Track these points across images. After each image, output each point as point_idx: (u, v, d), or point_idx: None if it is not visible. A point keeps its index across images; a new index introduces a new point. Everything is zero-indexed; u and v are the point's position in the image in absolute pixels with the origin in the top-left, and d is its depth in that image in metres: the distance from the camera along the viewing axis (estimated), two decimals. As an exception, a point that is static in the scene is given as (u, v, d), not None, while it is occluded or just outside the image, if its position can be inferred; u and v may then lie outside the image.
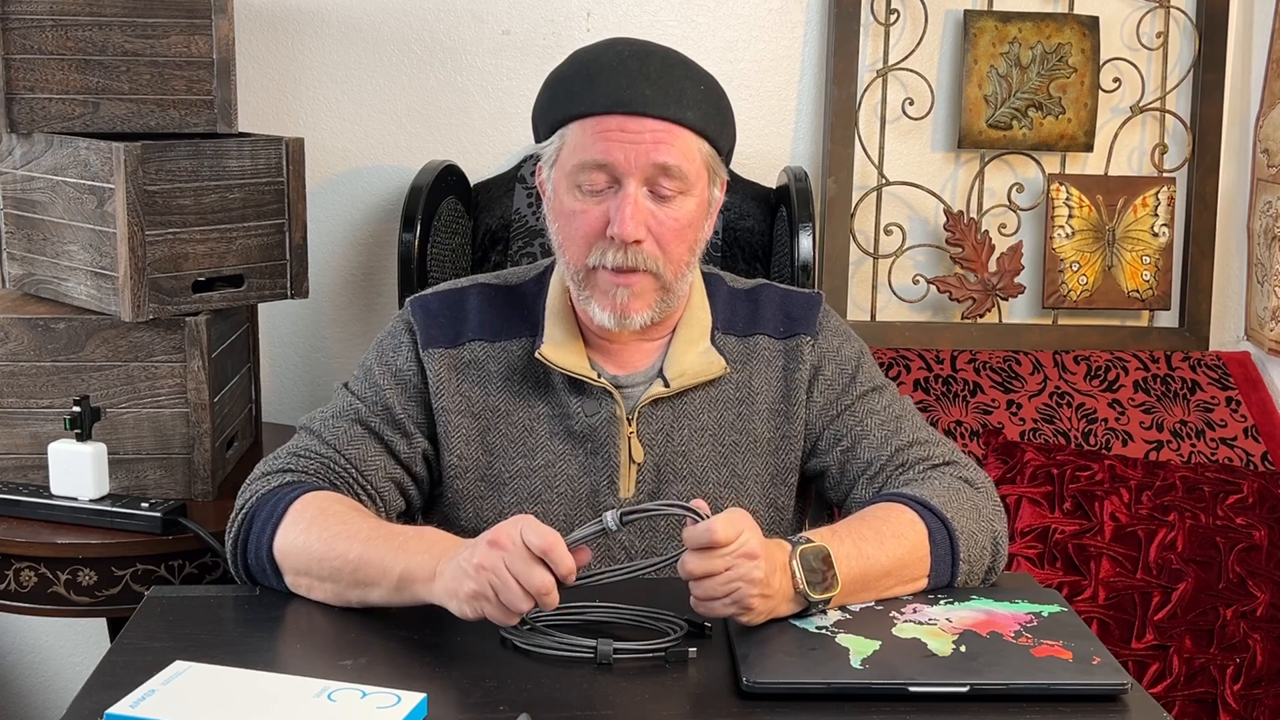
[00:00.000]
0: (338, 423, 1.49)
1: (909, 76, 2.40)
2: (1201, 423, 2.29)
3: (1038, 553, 1.96)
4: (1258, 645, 1.94)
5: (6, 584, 1.81)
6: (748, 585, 1.22)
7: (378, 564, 1.30)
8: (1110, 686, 1.19)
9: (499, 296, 1.54)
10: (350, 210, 2.40)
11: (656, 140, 1.39)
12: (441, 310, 1.53)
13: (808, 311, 1.55)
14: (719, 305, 1.54)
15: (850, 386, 1.53)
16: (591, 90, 1.40)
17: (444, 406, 1.49)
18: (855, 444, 1.50)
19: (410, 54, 2.36)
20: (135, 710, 1.10)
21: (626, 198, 1.39)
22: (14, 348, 1.89)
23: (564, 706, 1.15)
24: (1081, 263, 2.43)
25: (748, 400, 1.51)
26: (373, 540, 1.32)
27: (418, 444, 1.50)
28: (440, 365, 1.50)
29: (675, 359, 1.49)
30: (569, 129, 1.42)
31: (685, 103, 1.41)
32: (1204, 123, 2.45)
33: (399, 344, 1.53)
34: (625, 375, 1.50)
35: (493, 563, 1.19)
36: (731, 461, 1.50)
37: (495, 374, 1.50)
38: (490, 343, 1.51)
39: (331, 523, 1.35)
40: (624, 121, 1.39)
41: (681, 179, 1.40)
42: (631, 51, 1.43)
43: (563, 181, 1.43)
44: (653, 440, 1.48)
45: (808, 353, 1.52)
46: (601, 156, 1.39)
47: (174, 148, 1.87)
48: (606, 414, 1.48)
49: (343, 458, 1.47)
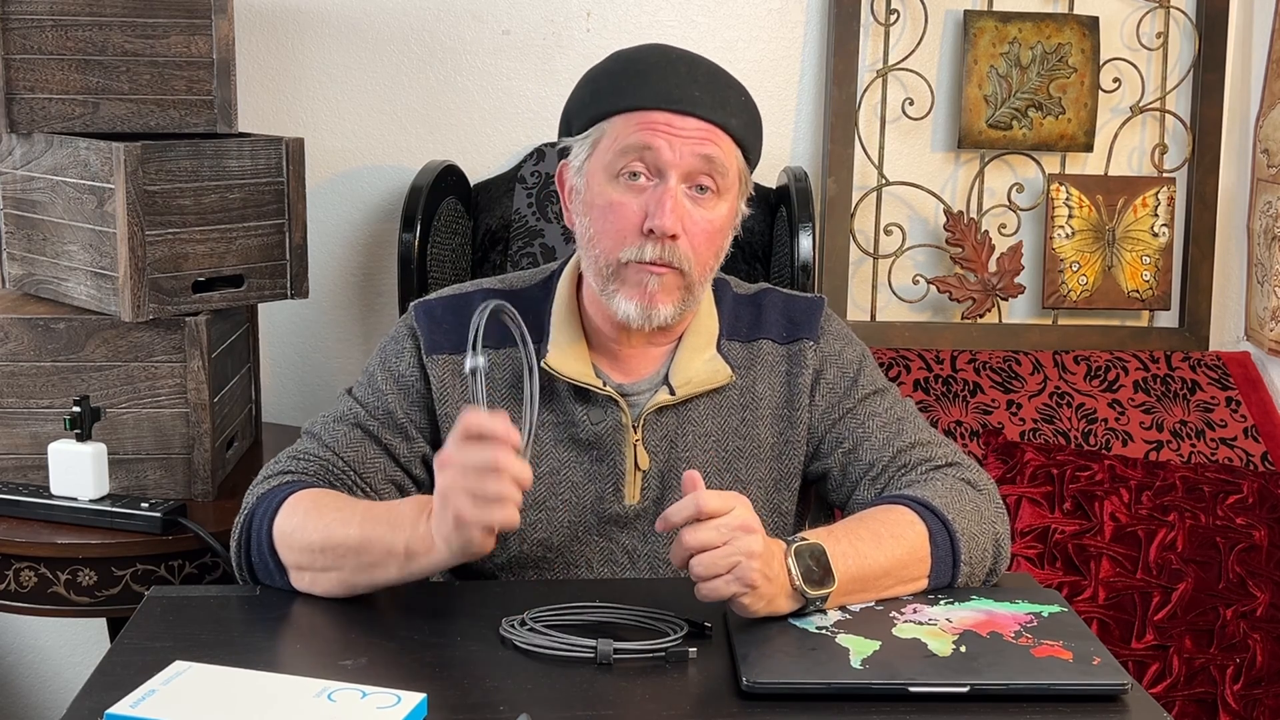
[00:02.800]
0: (338, 426, 1.50)
1: (909, 76, 2.40)
2: (1201, 423, 2.29)
3: (1038, 553, 1.96)
4: (1258, 645, 1.94)
5: (6, 584, 1.81)
6: (748, 559, 1.21)
7: (380, 545, 1.30)
8: (1110, 687, 1.19)
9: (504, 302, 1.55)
10: (350, 210, 2.40)
11: (702, 138, 1.40)
12: (446, 316, 1.52)
13: (810, 315, 1.55)
14: (725, 311, 1.54)
15: (852, 390, 1.53)
16: (640, 86, 1.41)
17: (448, 413, 1.49)
18: (857, 446, 1.50)
19: (410, 54, 2.36)
20: (135, 710, 1.10)
21: (668, 190, 1.39)
22: (14, 348, 1.89)
23: (564, 706, 1.15)
24: (1081, 263, 2.43)
25: (751, 406, 1.51)
26: (367, 522, 1.32)
27: (418, 448, 1.51)
28: (444, 371, 1.50)
29: (681, 367, 1.49)
30: (612, 121, 1.42)
31: (730, 109, 1.43)
32: (1204, 123, 2.45)
33: (402, 349, 1.52)
34: (630, 383, 1.50)
35: (450, 480, 1.22)
36: (735, 467, 1.50)
37: (499, 381, 1.50)
38: (494, 349, 1.50)
39: (325, 513, 1.35)
40: (671, 118, 1.40)
41: (723, 176, 1.42)
42: (679, 55, 1.45)
43: (600, 173, 1.43)
44: (658, 447, 1.48)
45: (810, 356, 1.52)
46: (646, 141, 1.39)
47: (174, 148, 1.87)
48: (612, 422, 1.47)
49: (341, 460, 1.47)
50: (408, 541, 1.29)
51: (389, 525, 1.31)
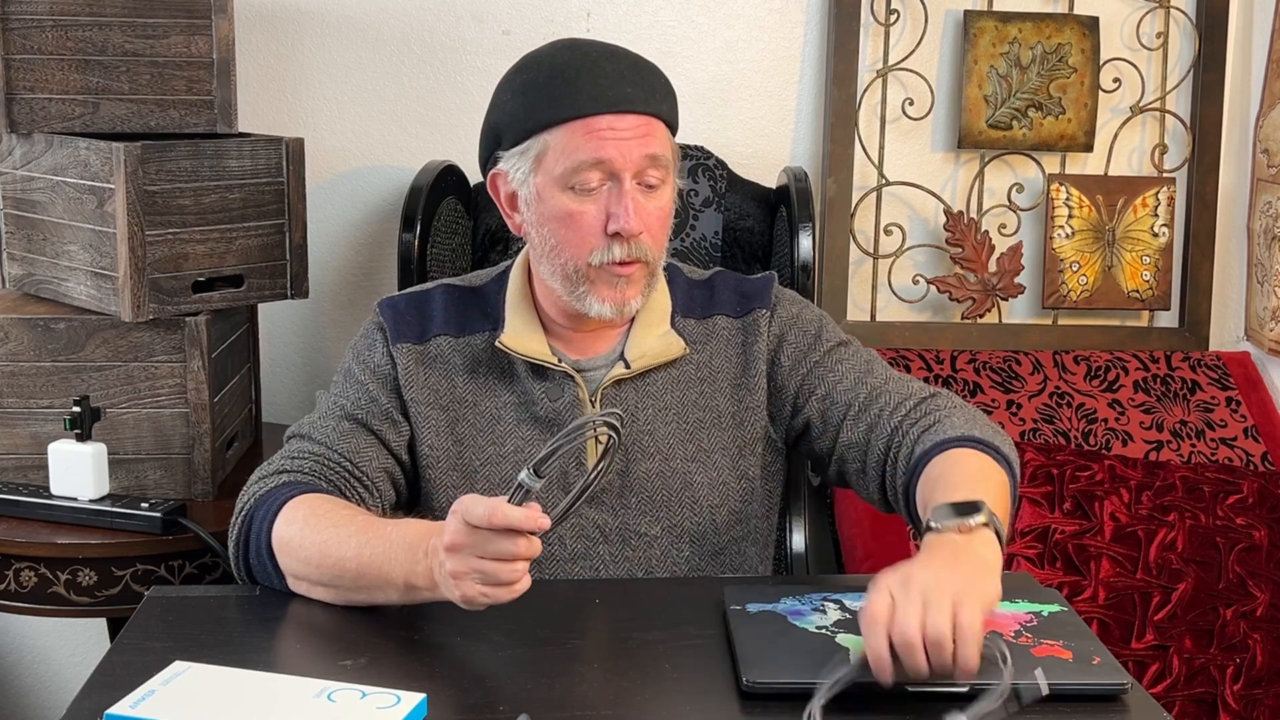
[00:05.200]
0: (325, 422, 1.52)
1: (909, 76, 2.40)
2: (1201, 423, 2.29)
3: (1038, 553, 1.96)
4: (1258, 645, 1.94)
5: (6, 584, 1.81)
6: (973, 610, 1.15)
7: (378, 573, 1.30)
8: (1110, 686, 1.19)
9: (462, 296, 1.59)
10: (350, 210, 2.40)
11: (642, 134, 1.44)
12: (409, 309, 1.58)
13: (762, 289, 1.61)
14: (678, 292, 1.60)
15: (816, 344, 1.57)
16: (574, 93, 1.43)
17: (413, 398, 1.54)
18: (831, 390, 1.54)
19: (410, 54, 2.36)
20: (135, 710, 1.10)
21: (625, 194, 1.44)
22: (14, 348, 1.89)
23: (564, 706, 1.15)
24: (1081, 263, 2.43)
25: (709, 379, 1.56)
26: (364, 550, 1.30)
27: (404, 431, 1.54)
28: (408, 359, 1.54)
29: (636, 342, 1.54)
30: (553, 134, 1.44)
31: (658, 96, 1.47)
32: (1204, 123, 2.45)
33: (372, 342, 1.57)
34: (586, 359, 1.54)
35: (463, 565, 1.20)
36: (697, 437, 1.54)
37: (460, 366, 1.55)
38: (455, 337, 1.56)
39: (323, 526, 1.35)
40: (612, 120, 1.43)
41: (666, 167, 1.47)
42: (599, 52, 1.47)
43: (551, 185, 1.45)
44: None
45: (765, 325, 1.57)
46: (597, 154, 1.42)
47: (174, 148, 1.87)
48: (569, 397, 1.52)
49: (336, 453, 1.49)
50: (406, 576, 1.28)
51: (385, 559, 1.29)
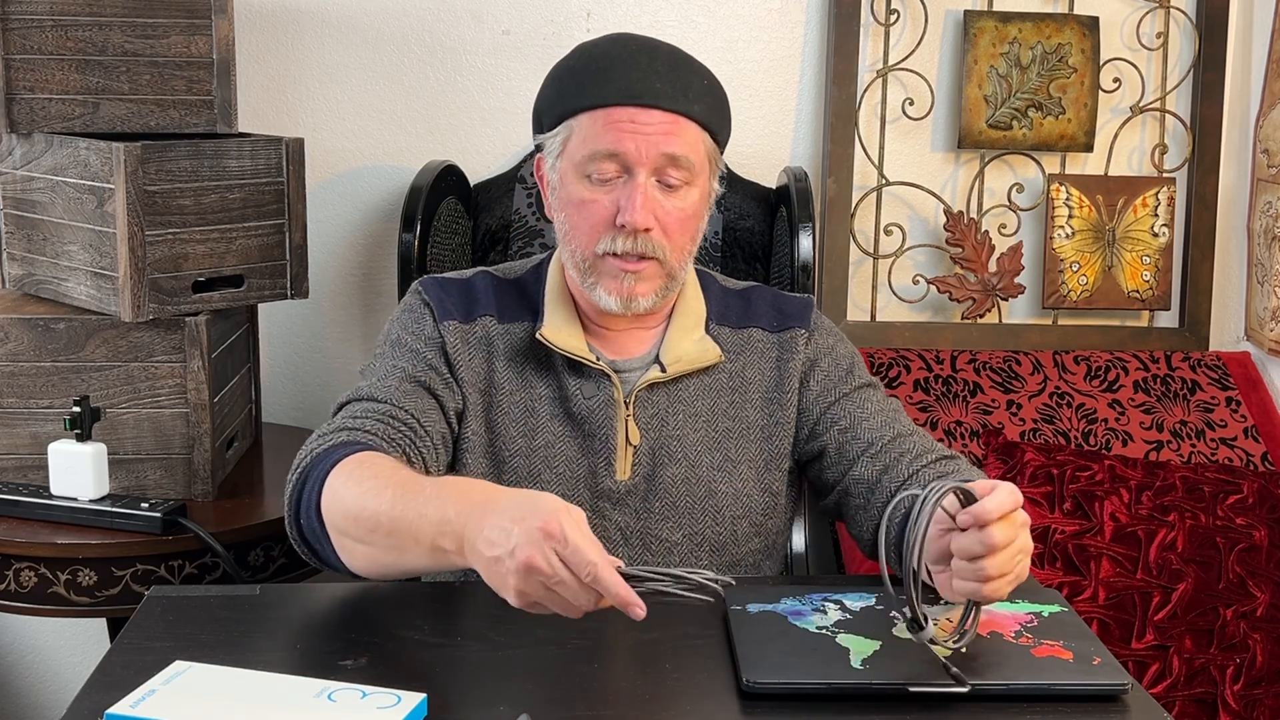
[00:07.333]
0: (387, 382, 1.47)
1: (909, 76, 2.40)
2: (1201, 423, 2.29)
3: (1038, 553, 1.96)
4: (1258, 645, 1.94)
5: (6, 584, 1.81)
6: (1025, 555, 1.22)
7: (408, 529, 1.22)
8: (1110, 687, 1.19)
9: (503, 283, 1.59)
10: (350, 210, 2.40)
11: (665, 132, 1.43)
12: (453, 288, 1.57)
13: (802, 310, 1.61)
14: (712, 299, 1.59)
15: (846, 379, 1.57)
16: (602, 83, 1.44)
17: (460, 378, 1.52)
18: (854, 425, 1.54)
19: (410, 54, 2.36)
20: (135, 710, 1.10)
21: (637, 187, 1.43)
22: (14, 348, 1.89)
23: (564, 706, 1.15)
24: (1081, 263, 2.43)
25: (741, 389, 1.55)
26: (398, 504, 1.23)
27: (458, 400, 1.51)
28: (454, 337, 1.53)
29: (671, 345, 1.53)
30: (578, 120, 1.45)
31: (691, 96, 1.45)
32: (1204, 123, 2.45)
33: (420, 316, 1.55)
34: (623, 360, 1.54)
35: (532, 587, 1.12)
36: (725, 446, 1.54)
37: (501, 352, 1.54)
38: (499, 322, 1.55)
39: (366, 477, 1.28)
40: (634, 113, 1.43)
41: (688, 169, 1.45)
42: (639, 46, 1.48)
43: (571, 171, 1.46)
44: (649, 424, 1.52)
45: (802, 345, 1.57)
46: (613, 146, 1.43)
47: (174, 148, 1.87)
48: (604, 396, 1.51)
49: (403, 410, 1.45)
50: (434, 537, 1.20)
51: (418, 515, 1.21)
